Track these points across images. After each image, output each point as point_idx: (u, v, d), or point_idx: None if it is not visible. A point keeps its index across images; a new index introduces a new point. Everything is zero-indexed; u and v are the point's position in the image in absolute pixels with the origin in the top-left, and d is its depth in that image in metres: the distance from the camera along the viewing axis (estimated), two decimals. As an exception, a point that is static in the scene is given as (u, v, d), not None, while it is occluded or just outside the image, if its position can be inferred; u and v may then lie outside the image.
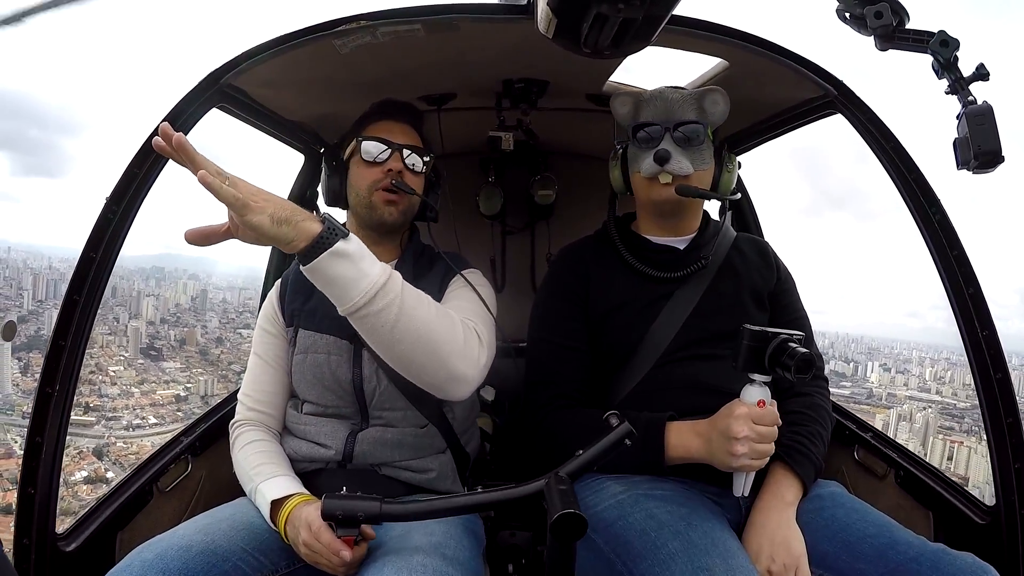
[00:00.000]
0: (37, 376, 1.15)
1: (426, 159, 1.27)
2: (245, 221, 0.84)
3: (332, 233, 0.89)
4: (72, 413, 1.18)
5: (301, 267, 0.91)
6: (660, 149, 1.20)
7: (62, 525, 1.17)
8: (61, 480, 1.16)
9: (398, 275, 0.97)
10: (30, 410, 1.15)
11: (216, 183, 0.82)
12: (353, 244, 0.91)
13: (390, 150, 1.23)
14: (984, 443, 1.20)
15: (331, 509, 0.89)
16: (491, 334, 1.13)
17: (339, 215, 1.31)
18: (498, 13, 1.19)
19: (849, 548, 1.02)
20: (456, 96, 1.71)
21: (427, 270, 1.27)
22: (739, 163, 1.30)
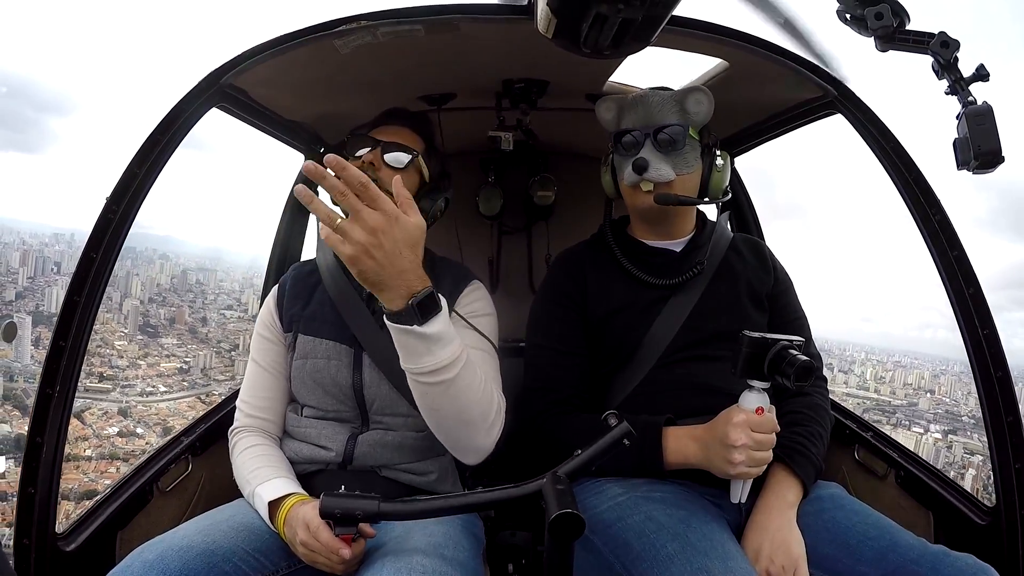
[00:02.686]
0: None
1: (411, 156, 1.23)
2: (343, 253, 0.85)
3: (420, 310, 0.90)
4: (88, 382, 1.17)
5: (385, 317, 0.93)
6: (638, 158, 1.20)
7: (105, 476, 1.15)
8: (96, 434, 1.15)
9: (465, 358, 0.99)
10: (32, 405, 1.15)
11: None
12: (435, 326, 0.92)
13: (370, 146, 1.23)
14: (908, 432, 1.20)
15: (329, 507, 0.89)
16: (502, 395, 1.14)
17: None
18: (498, 13, 1.19)
19: (849, 550, 1.02)
20: (456, 96, 1.71)
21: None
22: (730, 159, 1.29)
